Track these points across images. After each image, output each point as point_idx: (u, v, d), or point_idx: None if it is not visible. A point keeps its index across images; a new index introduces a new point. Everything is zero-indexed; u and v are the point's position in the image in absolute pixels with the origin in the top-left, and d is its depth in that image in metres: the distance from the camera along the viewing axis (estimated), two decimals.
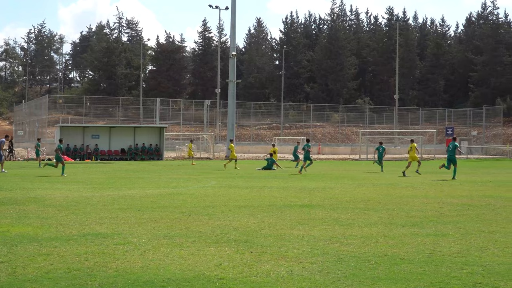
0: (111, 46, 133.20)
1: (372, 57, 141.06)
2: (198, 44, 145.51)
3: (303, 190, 25.64)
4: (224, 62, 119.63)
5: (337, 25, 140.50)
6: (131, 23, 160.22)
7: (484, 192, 25.48)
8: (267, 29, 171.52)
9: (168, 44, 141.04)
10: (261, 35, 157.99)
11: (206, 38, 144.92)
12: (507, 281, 9.43)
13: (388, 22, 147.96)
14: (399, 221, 16.03)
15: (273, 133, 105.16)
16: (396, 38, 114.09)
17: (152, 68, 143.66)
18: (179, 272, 9.82)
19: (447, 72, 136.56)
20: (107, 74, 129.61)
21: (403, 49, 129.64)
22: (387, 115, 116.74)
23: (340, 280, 9.40)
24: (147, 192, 24.04)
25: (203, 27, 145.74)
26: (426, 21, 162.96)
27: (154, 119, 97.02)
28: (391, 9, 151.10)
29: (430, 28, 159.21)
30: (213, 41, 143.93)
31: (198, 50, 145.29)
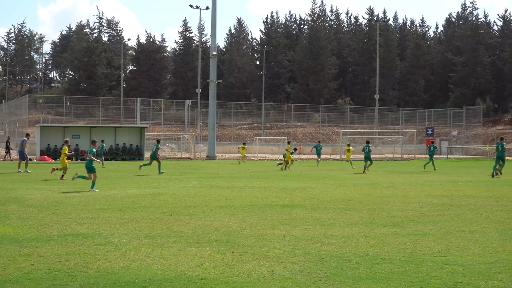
0: (91, 45, 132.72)
1: (353, 57, 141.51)
2: (179, 44, 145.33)
3: (284, 190, 25.66)
4: (205, 62, 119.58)
5: (318, 25, 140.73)
6: (111, 22, 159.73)
7: (465, 192, 25.59)
8: (248, 29, 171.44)
9: (148, 44, 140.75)
10: (242, 35, 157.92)
11: (187, 38, 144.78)
12: (487, 280, 9.48)
13: (368, 23, 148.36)
14: (380, 221, 16.09)
15: (254, 133, 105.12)
16: (376, 39, 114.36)
17: (132, 68, 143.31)
18: (160, 273, 9.82)
19: (427, 73, 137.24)
20: (88, 74, 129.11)
21: (384, 49, 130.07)
22: (367, 115, 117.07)
23: (321, 280, 9.42)
24: (128, 192, 23.98)
25: (184, 27, 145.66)
26: (406, 22, 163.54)
27: (135, 119, 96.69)
28: (372, 9, 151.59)
29: (410, 29, 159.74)
30: (194, 41, 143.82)
31: (179, 50, 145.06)
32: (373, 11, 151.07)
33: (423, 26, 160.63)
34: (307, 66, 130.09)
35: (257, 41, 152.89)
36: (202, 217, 16.65)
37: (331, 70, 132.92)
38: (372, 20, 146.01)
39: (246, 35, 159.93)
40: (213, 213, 17.43)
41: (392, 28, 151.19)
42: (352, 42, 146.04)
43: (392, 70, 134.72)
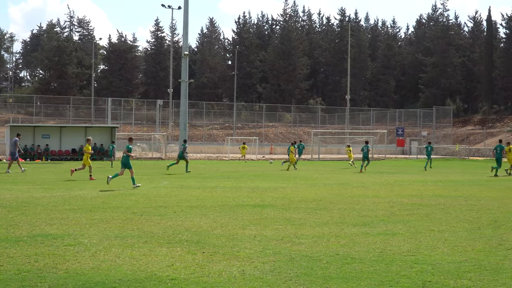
0: (62, 45, 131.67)
1: (324, 57, 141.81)
2: (151, 43, 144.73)
3: (255, 190, 25.69)
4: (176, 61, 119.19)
5: (290, 25, 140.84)
6: (82, 22, 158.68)
7: (434, 191, 25.76)
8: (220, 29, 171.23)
9: (120, 43, 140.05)
10: (214, 35, 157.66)
11: (159, 37, 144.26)
12: (456, 279, 9.55)
13: (340, 23, 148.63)
14: (351, 221, 16.15)
15: (225, 133, 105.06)
16: (348, 39, 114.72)
17: (104, 68, 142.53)
18: (130, 273, 9.79)
19: (397, 73, 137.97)
20: (58, 73, 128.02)
21: (355, 50, 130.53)
22: (338, 115, 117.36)
23: (291, 279, 9.45)
24: (98, 193, 23.88)
25: (156, 26, 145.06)
26: (377, 23, 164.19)
27: (106, 119, 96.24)
28: (343, 10, 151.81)
29: (381, 30, 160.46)
30: (166, 41, 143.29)
31: (151, 49, 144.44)
32: (345, 11, 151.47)
33: (394, 27, 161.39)
34: (278, 66, 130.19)
35: (229, 41, 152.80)
36: (173, 217, 16.62)
37: (302, 70, 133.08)
38: (344, 20, 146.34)
39: (218, 35, 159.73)
40: (184, 213, 17.41)
41: (363, 28, 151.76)
42: (323, 42, 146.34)
43: (363, 70, 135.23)
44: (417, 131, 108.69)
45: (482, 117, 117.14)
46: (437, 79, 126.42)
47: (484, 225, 15.51)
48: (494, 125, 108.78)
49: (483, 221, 16.35)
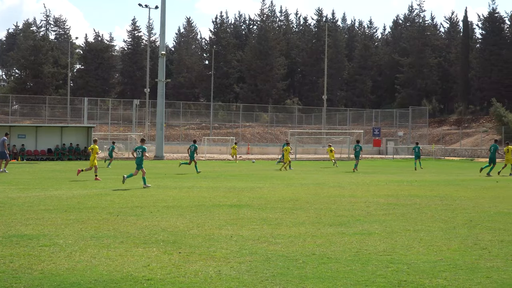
0: (38, 44, 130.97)
1: (301, 57, 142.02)
2: (127, 43, 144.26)
3: (232, 190, 25.68)
4: (153, 61, 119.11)
5: (267, 25, 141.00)
6: (58, 21, 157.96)
7: (410, 191, 25.86)
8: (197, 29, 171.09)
9: (96, 42, 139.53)
10: (191, 35, 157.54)
11: (136, 37, 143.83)
12: (431, 278, 9.60)
13: (317, 23, 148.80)
14: (327, 221, 16.19)
15: (202, 133, 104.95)
16: (325, 39, 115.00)
17: (80, 67, 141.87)
18: (106, 273, 9.76)
19: (374, 73, 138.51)
20: (34, 73, 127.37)
21: (332, 50, 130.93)
22: (315, 115, 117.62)
23: (268, 279, 9.46)
24: (74, 193, 23.79)
25: (133, 26, 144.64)
26: (354, 23, 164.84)
27: (82, 118, 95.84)
28: (320, 10, 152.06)
29: (358, 30, 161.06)
30: (143, 40, 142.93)
31: (127, 49, 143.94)
32: (322, 12, 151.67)
33: (371, 27, 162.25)
34: (256, 66, 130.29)
35: (206, 41, 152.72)
36: (149, 217, 16.59)
37: (279, 70, 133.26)
38: (321, 21, 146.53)
39: (195, 34, 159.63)
40: (160, 214, 17.37)
41: (340, 29, 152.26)
42: (300, 42, 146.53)
43: (340, 70, 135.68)
44: (394, 131, 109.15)
45: (458, 118, 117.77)
46: (413, 80, 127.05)
47: (459, 225, 15.59)
48: (470, 125, 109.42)
49: (458, 220, 16.43)
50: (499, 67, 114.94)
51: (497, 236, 13.78)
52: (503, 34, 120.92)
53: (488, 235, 13.91)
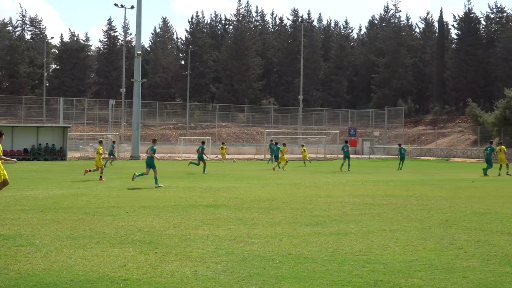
0: (14, 44, 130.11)
1: (277, 58, 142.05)
2: (103, 43, 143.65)
3: (208, 190, 25.66)
4: (129, 61, 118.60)
5: (243, 25, 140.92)
6: (34, 20, 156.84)
7: (386, 191, 25.96)
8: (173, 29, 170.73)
9: (72, 42, 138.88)
10: (167, 35, 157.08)
11: (111, 37, 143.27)
12: (407, 278, 9.64)
13: (293, 24, 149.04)
14: (303, 221, 16.20)
15: (178, 133, 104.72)
16: (300, 40, 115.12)
17: (56, 67, 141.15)
18: (82, 274, 9.72)
19: (350, 74, 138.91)
20: (10, 73, 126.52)
21: (308, 50, 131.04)
22: (291, 115, 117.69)
23: (244, 279, 9.46)
24: (50, 193, 23.68)
25: (108, 26, 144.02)
26: (330, 23, 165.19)
27: (58, 118, 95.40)
28: (296, 10, 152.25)
29: (334, 30, 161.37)
30: (118, 40, 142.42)
31: (103, 49, 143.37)
32: (298, 12, 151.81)
33: (346, 27, 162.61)
34: (232, 66, 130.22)
35: (182, 41, 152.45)
36: (125, 217, 16.54)
37: (255, 70, 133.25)
38: (297, 21, 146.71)
39: (171, 34, 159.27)
40: (136, 214, 17.33)
41: (316, 29, 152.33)
42: (276, 42, 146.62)
43: (316, 71, 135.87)
44: (369, 131, 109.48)
45: (433, 118, 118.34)
46: (389, 80, 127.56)
47: (435, 225, 15.66)
48: (445, 125, 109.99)
49: (434, 220, 16.51)
50: (474, 67, 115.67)
51: (473, 236, 13.85)
52: (478, 35, 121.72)
53: (464, 235, 13.99)
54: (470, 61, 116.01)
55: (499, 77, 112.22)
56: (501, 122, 78.27)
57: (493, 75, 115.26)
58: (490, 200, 22.52)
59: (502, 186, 30.20)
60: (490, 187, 29.24)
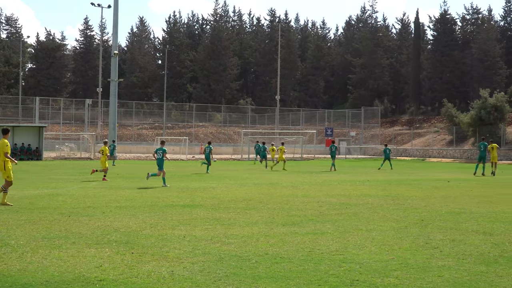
0: None
1: (254, 58, 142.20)
2: (80, 42, 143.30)
3: (185, 190, 25.64)
4: (106, 60, 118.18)
5: (220, 25, 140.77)
6: (10, 19, 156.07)
7: (362, 191, 26.05)
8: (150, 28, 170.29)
9: (48, 42, 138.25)
10: (144, 34, 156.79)
11: (88, 36, 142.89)
12: (383, 277, 9.67)
13: (270, 24, 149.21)
14: (280, 220, 16.22)
15: (155, 133, 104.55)
16: (278, 40, 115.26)
17: (32, 66, 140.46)
18: (58, 274, 9.68)
19: (327, 74, 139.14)
20: None
21: (285, 50, 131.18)
22: (268, 115, 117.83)
23: (221, 279, 9.45)
24: (25, 193, 23.57)
25: (85, 25, 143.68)
26: (307, 23, 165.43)
27: (34, 118, 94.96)
28: (273, 11, 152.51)
29: (311, 30, 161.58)
30: (95, 40, 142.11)
31: (80, 48, 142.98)
32: (275, 12, 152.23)
33: (323, 28, 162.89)
34: (209, 66, 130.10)
35: (159, 40, 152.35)
36: (101, 217, 16.48)
37: (233, 70, 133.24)
38: (274, 21, 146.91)
39: (148, 34, 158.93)
40: (112, 214, 17.28)
41: (293, 29, 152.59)
42: (254, 43, 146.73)
43: (293, 71, 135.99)
44: (346, 132, 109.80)
45: (409, 118, 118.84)
46: (365, 80, 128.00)
47: (411, 224, 15.73)
48: (421, 125, 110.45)
49: (410, 220, 16.58)
50: (450, 68, 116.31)
51: (448, 235, 13.93)
52: (454, 35, 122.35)
53: (439, 234, 14.05)
54: (446, 62, 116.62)
55: (474, 78, 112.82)
56: (477, 122, 78.78)
57: (469, 76, 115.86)
58: (465, 199, 22.65)
59: (476, 186, 30.39)
60: (465, 187, 29.42)
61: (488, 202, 21.62)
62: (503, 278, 9.73)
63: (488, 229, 15.07)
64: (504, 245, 12.69)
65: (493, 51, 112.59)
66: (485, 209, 19.46)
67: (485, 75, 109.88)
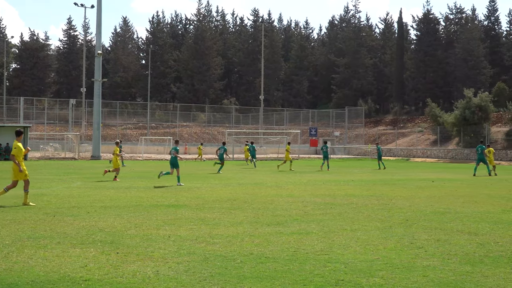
0: None
1: (238, 58, 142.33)
2: (63, 42, 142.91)
3: (170, 190, 25.61)
4: (89, 61, 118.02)
5: (203, 25, 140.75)
6: None
7: (346, 191, 26.08)
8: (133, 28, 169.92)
9: (32, 42, 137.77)
10: (127, 34, 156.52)
11: (71, 36, 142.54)
12: (368, 277, 9.69)
13: (253, 24, 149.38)
14: (265, 220, 16.23)
15: (139, 132, 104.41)
16: (261, 40, 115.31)
17: (16, 66, 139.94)
18: (43, 274, 9.66)
19: (310, 74, 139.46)
20: None
21: (268, 50, 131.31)
22: (252, 115, 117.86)
23: (206, 279, 9.45)
24: (10, 193, 23.43)
25: (68, 25, 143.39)
26: (290, 23, 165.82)
27: (18, 118, 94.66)
28: (257, 10, 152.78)
29: (294, 30, 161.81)
30: (79, 40, 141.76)
31: (63, 48, 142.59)
32: (258, 12, 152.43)
33: (307, 28, 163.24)
34: (192, 66, 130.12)
35: (142, 40, 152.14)
36: (86, 217, 16.44)
37: (216, 70, 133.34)
38: (257, 21, 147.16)
39: (131, 34, 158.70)
40: (97, 214, 17.24)
41: (277, 29, 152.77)
42: (237, 43, 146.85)
43: (276, 71, 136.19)
44: (330, 131, 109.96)
45: (393, 118, 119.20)
46: (349, 80, 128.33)
47: (395, 224, 15.76)
48: (405, 125, 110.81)
49: (394, 220, 16.61)
50: (434, 68, 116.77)
51: (433, 235, 13.97)
52: (437, 35, 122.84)
53: (424, 234, 14.09)
54: (429, 62, 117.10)
55: (458, 78, 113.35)
56: (461, 122, 79.06)
57: (452, 76, 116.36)
58: (450, 199, 22.72)
59: (461, 186, 30.48)
60: (450, 187, 29.50)
61: (473, 202, 21.70)
62: (489, 278, 9.78)
63: (473, 229, 15.12)
64: (489, 245, 12.74)
65: (477, 50, 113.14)
66: (470, 209, 19.54)
67: (469, 75, 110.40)
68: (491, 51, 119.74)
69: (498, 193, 25.75)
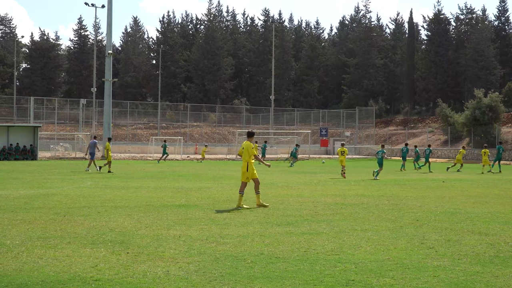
0: None
1: (249, 58, 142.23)
2: (74, 42, 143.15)
3: (180, 190, 25.60)
4: (100, 60, 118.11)
5: (214, 25, 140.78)
6: (4, 19, 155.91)
7: (357, 191, 26.05)
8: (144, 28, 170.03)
9: (42, 41, 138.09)
10: (138, 34, 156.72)
11: (82, 36, 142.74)
12: (379, 278, 9.67)
13: (264, 24, 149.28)
14: (275, 220, 16.21)
15: (150, 132, 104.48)
16: (272, 40, 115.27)
17: (26, 66, 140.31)
18: (53, 274, 9.66)
19: (321, 74, 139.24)
20: None
21: (279, 50, 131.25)
22: (263, 115, 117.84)
23: (216, 279, 9.45)
24: (20, 193, 23.51)
25: (79, 25, 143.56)
26: (301, 23, 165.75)
27: (28, 118, 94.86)
28: (267, 10, 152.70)
29: (305, 30, 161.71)
30: (89, 40, 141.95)
31: (74, 48, 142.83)
32: (269, 12, 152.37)
33: (317, 28, 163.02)
34: (203, 66, 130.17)
35: (153, 40, 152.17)
36: (96, 217, 16.45)
37: (227, 70, 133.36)
38: (268, 21, 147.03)
39: (142, 34, 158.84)
40: (108, 214, 17.24)
41: (287, 29, 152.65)
42: (248, 43, 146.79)
43: (287, 71, 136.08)
44: (341, 131, 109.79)
45: (404, 118, 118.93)
46: (359, 80, 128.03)
47: (406, 224, 15.73)
48: (416, 125, 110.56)
49: (405, 220, 16.57)
50: (444, 68, 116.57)
51: (443, 236, 13.93)
52: (448, 36, 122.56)
53: (434, 235, 14.06)
54: (440, 62, 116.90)
55: (468, 78, 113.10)
56: (471, 122, 78.95)
57: (463, 76, 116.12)
58: (460, 200, 22.67)
59: (471, 186, 30.42)
60: (460, 187, 29.44)
61: (483, 202, 21.64)
62: (499, 278, 9.75)
63: (483, 229, 15.08)
64: (499, 245, 12.70)
65: (487, 51, 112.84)
66: (481, 209, 19.48)
67: (480, 75, 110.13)
68: (501, 51, 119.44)
69: (508, 194, 25.71)
